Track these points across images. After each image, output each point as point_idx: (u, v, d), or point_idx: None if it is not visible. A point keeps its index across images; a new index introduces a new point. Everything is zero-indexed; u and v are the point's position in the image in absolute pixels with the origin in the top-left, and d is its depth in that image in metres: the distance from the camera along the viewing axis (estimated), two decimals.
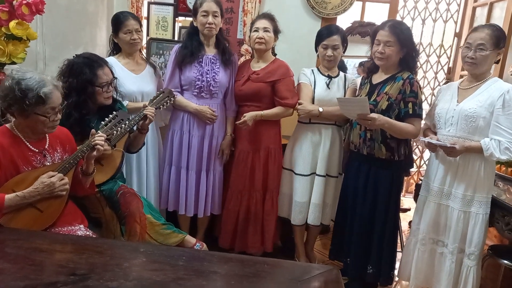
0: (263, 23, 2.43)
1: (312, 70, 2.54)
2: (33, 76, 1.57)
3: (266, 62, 2.53)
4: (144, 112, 2.08)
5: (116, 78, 2.13)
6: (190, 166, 2.51)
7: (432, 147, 2.11)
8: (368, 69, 2.44)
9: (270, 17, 2.47)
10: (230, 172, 2.60)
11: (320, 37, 2.46)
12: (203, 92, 2.47)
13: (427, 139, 2.10)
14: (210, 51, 2.50)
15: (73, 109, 1.96)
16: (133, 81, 2.43)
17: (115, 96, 2.18)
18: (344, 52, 2.52)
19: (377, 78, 2.32)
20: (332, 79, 2.49)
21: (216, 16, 2.40)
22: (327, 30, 2.45)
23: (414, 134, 2.19)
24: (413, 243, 2.29)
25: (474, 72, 2.04)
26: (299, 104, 2.44)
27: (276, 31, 2.49)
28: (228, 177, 2.62)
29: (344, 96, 2.49)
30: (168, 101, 2.25)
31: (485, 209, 2.03)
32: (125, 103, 2.36)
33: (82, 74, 1.97)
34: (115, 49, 2.50)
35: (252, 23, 2.53)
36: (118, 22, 2.37)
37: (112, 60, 2.40)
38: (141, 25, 2.45)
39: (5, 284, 1.18)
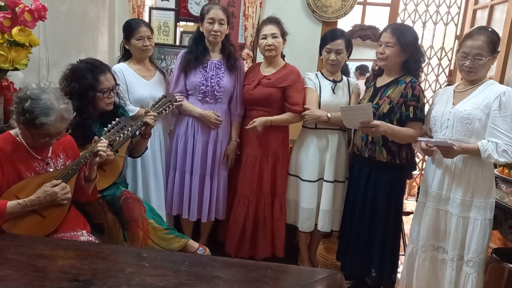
0: (270, 29, 2.41)
1: (316, 74, 2.52)
2: (43, 101, 1.53)
3: (277, 67, 2.51)
4: (144, 119, 2.08)
5: (118, 84, 2.14)
6: (194, 170, 2.51)
7: (428, 151, 2.07)
8: (374, 71, 2.44)
9: (276, 21, 2.46)
10: (236, 177, 2.59)
11: (324, 41, 2.43)
12: (208, 97, 2.48)
13: (424, 139, 2.05)
14: (215, 56, 2.51)
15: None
16: (144, 87, 2.45)
17: (117, 102, 2.18)
18: (348, 57, 2.50)
19: (381, 81, 2.32)
20: (337, 83, 2.48)
21: (222, 23, 2.40)
22: (332, 34, 2.43)
23: (415, 138, 2.17)
24: (414, 251, 2.22)
25: (472, 79, 2.02)
26: (306, 109, 2.40)
27: (284, 34, 2.46)
28: (234, 182, 2.61)
29: (349, 101, 2.47)
30: (171, 105, 2.25)
31: (483, 214, 1.97)
32: (137, 109, 2.38)
33: (84, 78, 1.97)
34: (125, 55, 2.51)
35: (258, 30, 2.51)
36: (130, 28, 2.39)
37: (123, 66, 2.43)
38: (152, 32, 2.47)
39: None
